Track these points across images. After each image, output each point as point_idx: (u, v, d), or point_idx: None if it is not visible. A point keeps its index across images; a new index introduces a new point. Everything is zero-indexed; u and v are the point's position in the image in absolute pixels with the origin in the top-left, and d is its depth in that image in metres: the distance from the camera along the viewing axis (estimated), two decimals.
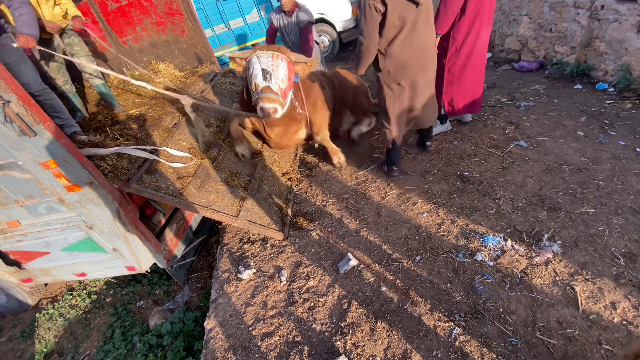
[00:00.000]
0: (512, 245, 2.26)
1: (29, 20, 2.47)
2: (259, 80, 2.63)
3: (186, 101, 2.82)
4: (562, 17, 4.15)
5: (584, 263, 2.06)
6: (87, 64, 3.15)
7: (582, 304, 1.87)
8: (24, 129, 1.88)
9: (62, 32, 3.12)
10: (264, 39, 6.88)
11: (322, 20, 6.99)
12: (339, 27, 7.07)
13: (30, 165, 2.09)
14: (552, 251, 2.15)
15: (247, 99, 3.02)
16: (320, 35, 7.21)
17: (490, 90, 4.46)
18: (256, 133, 3.48)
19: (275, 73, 2.61)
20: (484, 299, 1.99)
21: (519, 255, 2.19)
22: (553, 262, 2.10)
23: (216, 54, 6.70)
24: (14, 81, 1.82)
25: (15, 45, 2.48)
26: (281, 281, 2.43)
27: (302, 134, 3.37)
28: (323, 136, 3.37)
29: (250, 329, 2.16)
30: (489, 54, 5.66)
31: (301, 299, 2.26)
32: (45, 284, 3.75)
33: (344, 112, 3.87)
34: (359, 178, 3.34)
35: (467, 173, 3.00)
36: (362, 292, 2.21)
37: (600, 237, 2.19)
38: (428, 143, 3.40)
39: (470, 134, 3.56)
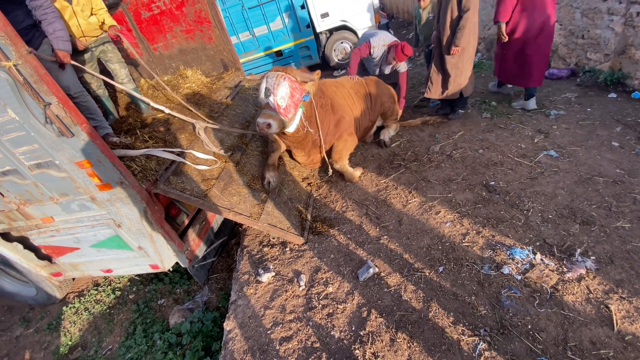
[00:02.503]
0: (541, 259, 2.16)
1: (63, 36, 2.57)
2: (260, 98, 2.83)
3: (199, 125, 2.97)
4: (594, 24, 4.00)
5: (620, 281, 1.94)
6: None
7: (617, 323, 1.76)
8: (63, 130, 1.98)
9: (96, 40, 3.27)
10: (287, 45, 7.02)
11: (344, 28, 7.05)
12: (360, 34, 7.10)
13: (66, 165, 2.19)
14: (586, 267, 2.04)
15: None
16: (342, 42, 7.27)
17: (518, 98, 4.34)
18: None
19: (275, 91, 2.74)
20: (511, 314, 1.91)
21: (549, 270, 2.09)
22: (586, 278, 2.00)
23: (241, 60, 6.90)
24: (55, 85, 1.92)
25: (50, 59, 2.58)
26: (300, 286, 2.42)
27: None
28: (341, 165, 3.41)
29: (268, 332, 2.16)
30: None
31: (320, 305, 2.24)
32: (73, 279, 3.90)
33: (376, 119, 4.01)
34: (380, 185, 3.31)
35: (493, 182, 2.92)
36: (382, 301, 2.17)
37: (637, 253, 2.07)
38: (459, 111, 4.11)
39: (496, 142, 3.47)
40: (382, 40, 4.16)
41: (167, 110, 3.01)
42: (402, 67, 4.26)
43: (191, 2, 3.98)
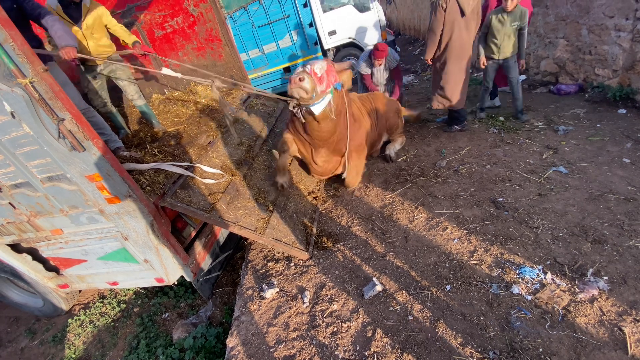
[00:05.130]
0: (552, 279, 2.10)
1: (65, 33, 2.65)
2: (298, 70, 2.83)
3: (216, 83, 2.91)
4: (602, 40, 4.00)
5: (634, 302, 1.87)
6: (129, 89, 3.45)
7: (631, 347, 1.69)
8: (75, 144, 2.03)
9: (105, 62, 3.36)
10: (295, 62, 7.17)
11: (352, 45, 7.18)
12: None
13: (77, 178, 2.24)
14: (598, 287, 1.98)
15: (297, 128, 3.25)
16: (349, 58, 7.38)
17: (525, 113, 4.32)
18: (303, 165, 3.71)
19: (313, 65, 2.82)
20: (521, 336, 1.85)
21: (561, 290, 2.03)
22: (599, 299, 1.93)
23: (250, 77, 7.04)
24: (69, 101, 1.98)
25: (57, 54, 2.65)
26: (304, 302, 2.39)
27: (342, 167, 3.54)
28: (355, 187, 3.55)
29: (271, 350, 2.12)
30: (524, 76, 5.54)
31: (324, 323, 2.20)
32: (80, 291, 3.92)
33: (382, 133, 4.03)
34: (386, 200, 3.29)
35: (501, 199, 2.88)
36: (387, 320, 2.13)
37: None
38: (455, 127, 4.24)
39: (504, 157, 3.44)
40: (364, 56, 4.66)
41: (179, 76, 2.89)
42: (393, 62, 4.59)
43: (203, 21, 4.11)
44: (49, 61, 2.75)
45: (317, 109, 2.85)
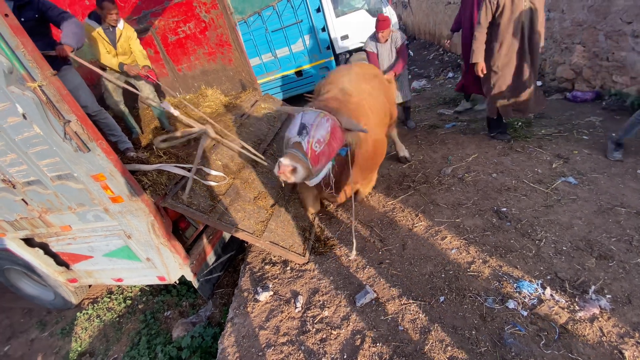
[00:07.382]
0: (551, 295, 2.02)
1: (70, 33, 2.70)
2: (292, 134, 2.26)
3: (210, 134, 3.01)
4: (619, 46, 3.83)
5: (637, 324, 1.78)
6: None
7: None
8: (80, 145, 2.12)
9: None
10: (307, 66, 7.22)
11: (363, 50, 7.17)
12: None
13: (83, 177, 2.34)
14: (600, 306, 1.89)
15: None
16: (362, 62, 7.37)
17: (538, 120, 4.19)
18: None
19: (313, 131, 2.18)
20: (513, 353, 1.78)
21: (559, 307, 1.95)
22: (600, 319, 1.84)
23: (263, 80, 7.14)
24: (76, 104, 2.08)
25: (52, 53, 2.67)
26: (296, 307, 2.39)
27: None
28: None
29: (260, 353, 2.13)
30: (539, 82, 5.37)
31: (314, 329, 2.20)
32: (89, 286, 4.06)
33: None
34: (387, 206, 3.25)
35: (504, 209, 2.79)
36: (377, 329, 2.10)
37: None
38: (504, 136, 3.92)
39: (511, 166, 3.34)
40: (371, 35, 4.45)
41: (176, 113, 3.02)
42: (399, 40, 4.35)
43: (213, 27, 4.22)
44: (65, 64, 2.88)
45: (312, 182, 2.39)
